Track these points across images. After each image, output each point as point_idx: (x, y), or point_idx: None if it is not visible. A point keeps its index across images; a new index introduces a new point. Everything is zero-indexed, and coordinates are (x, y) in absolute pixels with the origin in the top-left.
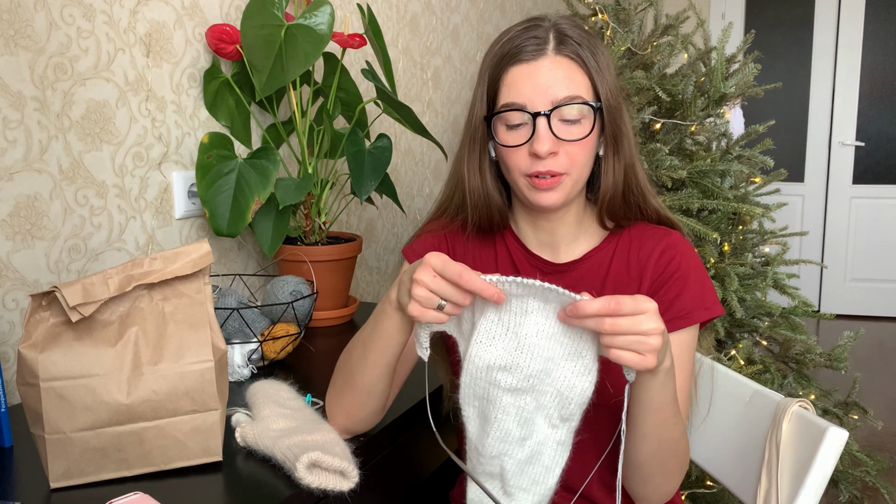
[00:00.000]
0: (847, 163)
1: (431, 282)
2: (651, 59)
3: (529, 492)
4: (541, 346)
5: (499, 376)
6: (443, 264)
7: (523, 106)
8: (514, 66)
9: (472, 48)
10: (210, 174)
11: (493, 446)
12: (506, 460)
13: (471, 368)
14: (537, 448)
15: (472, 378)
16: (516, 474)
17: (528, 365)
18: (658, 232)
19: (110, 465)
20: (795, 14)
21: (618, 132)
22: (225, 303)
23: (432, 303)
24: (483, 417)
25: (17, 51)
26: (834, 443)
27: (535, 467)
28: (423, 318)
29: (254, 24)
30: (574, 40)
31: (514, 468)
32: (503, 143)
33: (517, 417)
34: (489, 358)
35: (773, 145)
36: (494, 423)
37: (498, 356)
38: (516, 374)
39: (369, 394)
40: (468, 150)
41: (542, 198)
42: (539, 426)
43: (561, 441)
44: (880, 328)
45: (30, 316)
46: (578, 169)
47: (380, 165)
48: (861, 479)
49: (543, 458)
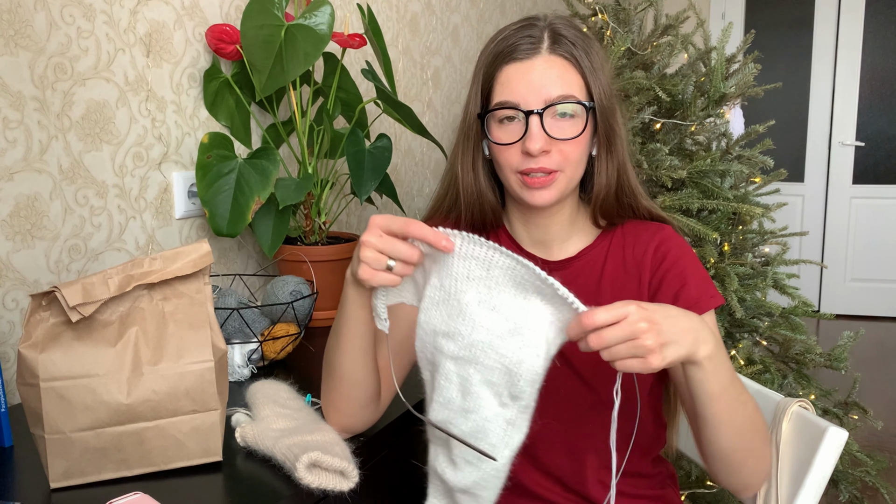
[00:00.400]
0: (847, 163)
1: (378, 241)
2: (651, 59)
3: (475, 466)
4: (482, 317)
5: (442, 342)
6: (388, 221)
7: (517, 104)
8: (508, 65)
9: (472, 48)
10: (210, 174)
11: (437, 412)
12: (450, 429)
13: (420, 333)
14: (482, 423)
15: (421, 342)
16: (460, 445)
17: (468, 334)
18: (650, 227)
19: (110, 465)
20: (795, 14)
21: (611, 132)
22: (225, 303)
23: (381, 263)
24: (431, 382)
25: (17, 51)
26: (834, 443)
27: (480, 443)
28: (373, 281)
29: (254, 24)
30: (568, 40)
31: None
32: (496, 140)
33: (460, 387)
34: (434, 323)
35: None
36: (438, 389)
37: (441, 321)
38: (458, 342)
39: (350, 382)
40: (462, 147)
41: (535, 196)
42: (486, 401)
43: (510, 420)
44: (880, 328)
45: (30, 316)
46: (572, 167)
47: (380, 165)
48: (861, 479)
49: (490, 435)
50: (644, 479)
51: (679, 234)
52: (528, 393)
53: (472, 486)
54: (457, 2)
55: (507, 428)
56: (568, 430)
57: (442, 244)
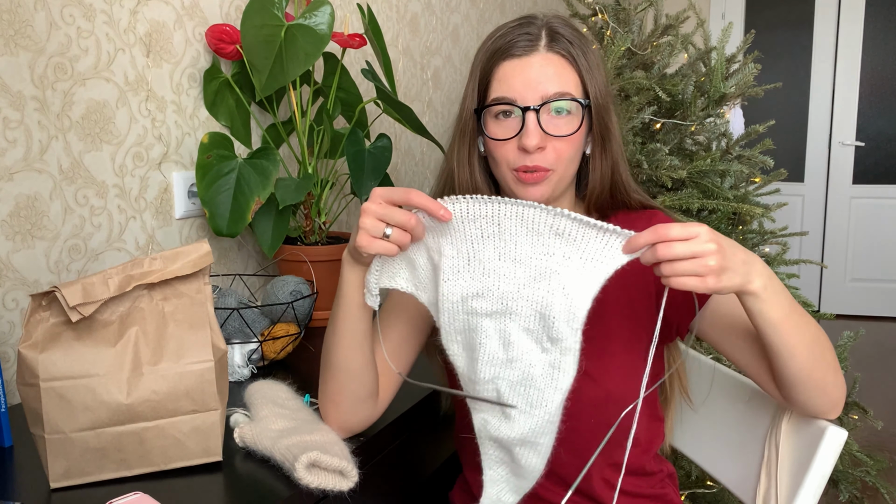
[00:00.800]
0: (847, 163)
1: (378, 209)
2: (651, 59)
3: (528, 414)
4: (505, 269)
5: (474, 304)
6: (389, 191)
7: (513, 100)
8: (505, 61)
9: (472, 48)
10: (210, 174)
11: (484, 371)
12: (500, 383)
13: (446, 305)
14: (527, 370)
15: (450, 315)
16: (511, 396)
17: (497, 286)
18: (643, 215)
19: (110, 465)
20: (795, 14)
21: (605, 131)
22: (225, 303)
23: (378, 230)
24: (469, 347)
25: (17, 51)
26: (833, 442)
27: (529, 389)
28: (370, 248)
29: (254, 24)
30: (566, 38)
31: (507, 390)
32: (492, 136)
33: (500, 340)
34: (460, 290)
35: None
36: (480, 349)
37: (467, 286)
38: (489, 298)
39: (347, 372)
40: (458, 143)
41: (528, 192)
42: (527, 347)
43: (554, 363)
44: (880, 328)
45: (30, 316)
46: (564, 165)
47: (380, 165)
48: (861, 479)
49: (536, 380)
50: (644, 477)
51: (670, 217)
52: (566, 334)
53: (529, 434)
54: (457, 2)
55: (552, 372)
56: (572, 427)
57: (440, 213)
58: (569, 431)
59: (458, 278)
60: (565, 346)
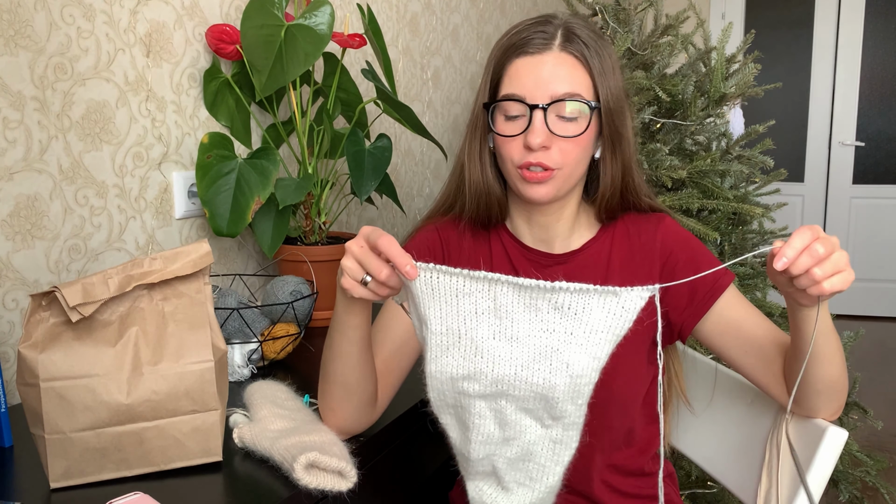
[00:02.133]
0: (847, 163)
1: (358, 251)
2: (651, 59)
3: (528, 487)
4: (501, 349)
5: (465, 385)
6: (370, 231)
7: (522, 97)
8: (518, 58)
9: (472, 48)
10: (210, 174)
11: (478, 450)
12: (495, 460)
13: (434, 384)
14: (527, 447)
15: (438, 393)
16: (509, 471)
17: (491, 371)
18: (651, 219)
19: (110, 465)
20: (795, 14)
21: (616, 135)
22: (225, 303)
23: (358, 275)
24: (462, 423)
25: (17, 51)
26: (833, 443)
27: (529, 464)
28: (353, 292)
29: (254, 24)
30: (581, 40)
31: (505, 466)
32: (500, 132)
33: (496, 420)
34: (449, 370)
35: (773, 145)
36: (474, 429)
37: (457, 365)
38: (482, 381)
39: (344, 387)
40: (470, 137)
41: (532, 191)
42: (527, 425)
43: (556, 439)
44: (880, 328)
45: (30, 316)
46: (570, 166)
47: (380, 165)
48: (861, 479)
49: (537, 456)
50: (644, 478)
51: (677, 222)
52: (570, 411)
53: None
54: (457, 2)
55: (553, 447)
56: None
57: (405, 269)
58: None
59: (446, 357)
60: (569, 422)
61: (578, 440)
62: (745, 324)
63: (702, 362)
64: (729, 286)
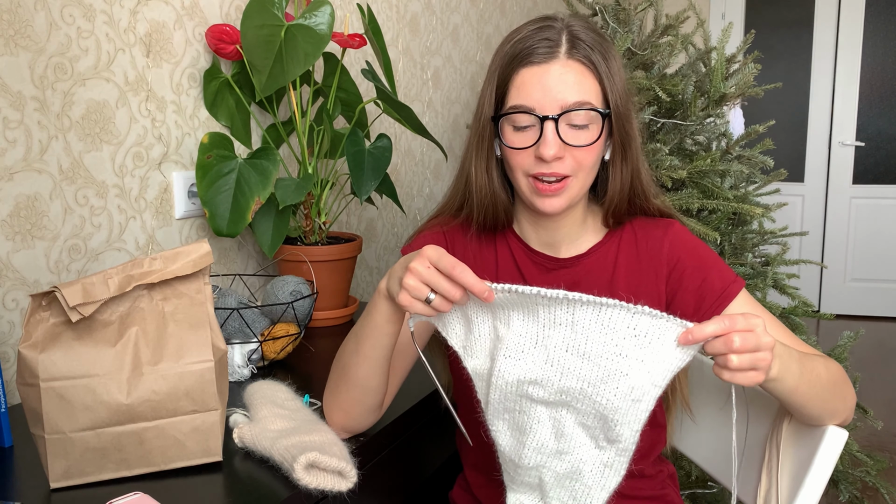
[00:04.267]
0: (847, 163)
1: (425, 272)
2: (651, 59)
3: None
4: (572, 364)
5: (530, 389)
6: (438, 256)
7: (531, 109)
8: (524, 68)
9: (472, 48)
10: (210, 174)
11: (530, 457)
12: (544, 472)
13: (500, 383)
14: (577, 465)
15: (502, 393)
16: (555, 487)
17: (558, 380)
18: (660, 223)
19: (110, 465)
20: (795, 14)
21: (626, 138)
22: (225, 303)
23: (422, 293)
24: (517, 429)
25: (17, 51)
26: (834, 443)
27: (575, 483)
28: (411, 309)
29: (254, 24)
30: (586, 44)
31: (552, 481)
32: (510, 144)
33: (553, 429)
34: (518, 372)
35: (773, 145)
36: (530, 434)
37: (527, 370)
38: (547, 388)
39: (364, 389)
40: (476, 149)
41: (546, 204)
42: (581, 443)
43: (608, 463)
44: (880, 328)
45: (30, 316)
46: (585, 173)
47: (380, 165)
48: (861, 479)
49: (585, 476)
50: (644, 479)
51: (686, 227)
52: (626, 436)
53: None
54: (457, 2)
55: (603, 470)
56: None
57: (484, 295)
58: None
59: (520, 359)
60: (622, 448)
61: (627, 468)
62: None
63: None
64: (738, 295)
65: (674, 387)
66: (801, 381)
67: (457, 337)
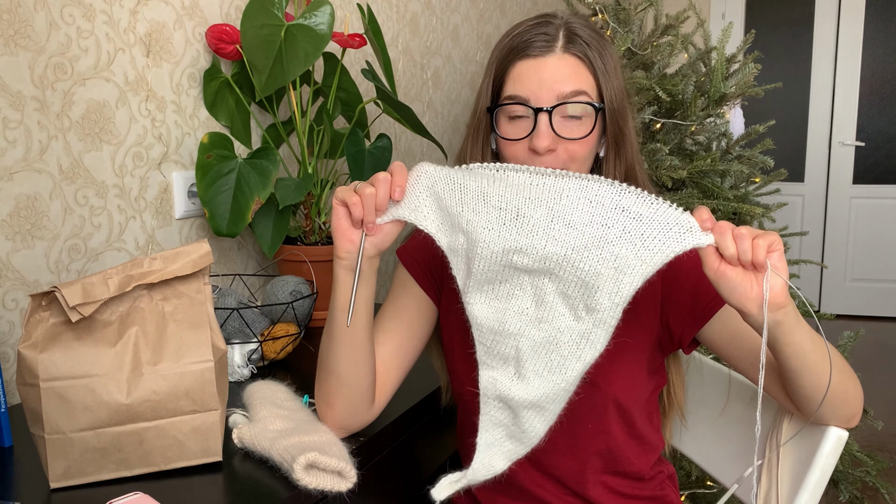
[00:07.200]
0: (847, 163)
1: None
2: (651, 59)
3: (544, 378)
4: (556, 231)
5: (515, 258)
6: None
7: (526, 100)
8: (521, 61)
9: (472, 48)
10: (210, 174)
11: (511, 322)
12: (521, 341)
13: (485, 253)
14: (555, 335)
15: (486, 263)
16: (531, 356)
17: (542, 247)
18: None
19: (110, 465)
20: (795, 14)
21: (619, 135)
22: (225, 303)
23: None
24: (499, 297)
25: (17, 51)
26: (834, 443)
27: (551, 354)
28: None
29: (254, 24)
30: (583, 40)
31: (529, 350)
32: (504, 135)
33: (534, 296)
34: (503, 242)
35: (773, 145)
36: (512, 300)
37: (512, 240)
38: (531, 256)
39: (339, 376)
40: (471, 140)
41: None
42: (560, 311)
43: (584, 333)
44: (880, 328)
45: (30, 316)
46: (577, 166)
47: (380, 165)
48: (861, 479)
49: (561, 346)
50: (644, 480)
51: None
52: (605, 306)
53: (541, 398)
54: (457, 2)
55: (579, 341)
56: (573, 432)
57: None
58: (569, 437)
59: (503, 230)
60: (600, 319)
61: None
62: (752, 333)
63: (701, 362)
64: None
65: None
66: (813, 347)
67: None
